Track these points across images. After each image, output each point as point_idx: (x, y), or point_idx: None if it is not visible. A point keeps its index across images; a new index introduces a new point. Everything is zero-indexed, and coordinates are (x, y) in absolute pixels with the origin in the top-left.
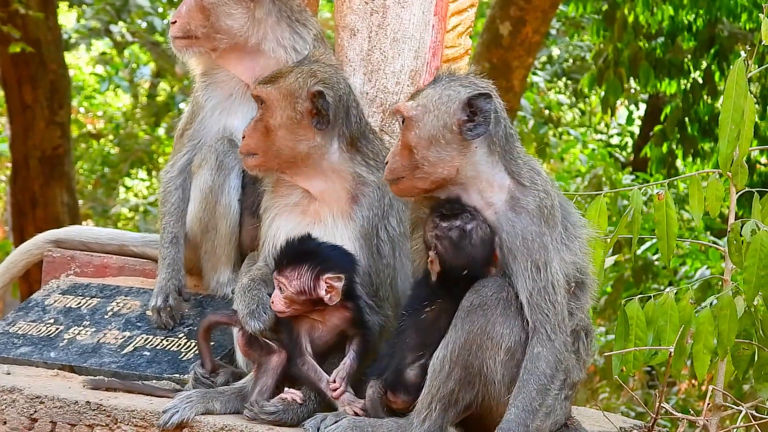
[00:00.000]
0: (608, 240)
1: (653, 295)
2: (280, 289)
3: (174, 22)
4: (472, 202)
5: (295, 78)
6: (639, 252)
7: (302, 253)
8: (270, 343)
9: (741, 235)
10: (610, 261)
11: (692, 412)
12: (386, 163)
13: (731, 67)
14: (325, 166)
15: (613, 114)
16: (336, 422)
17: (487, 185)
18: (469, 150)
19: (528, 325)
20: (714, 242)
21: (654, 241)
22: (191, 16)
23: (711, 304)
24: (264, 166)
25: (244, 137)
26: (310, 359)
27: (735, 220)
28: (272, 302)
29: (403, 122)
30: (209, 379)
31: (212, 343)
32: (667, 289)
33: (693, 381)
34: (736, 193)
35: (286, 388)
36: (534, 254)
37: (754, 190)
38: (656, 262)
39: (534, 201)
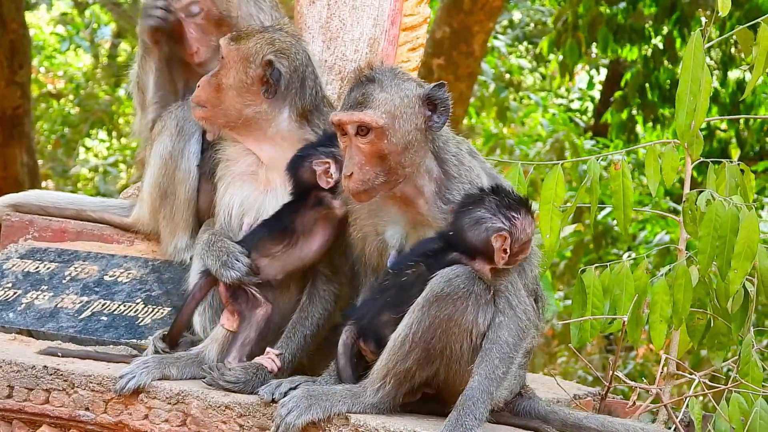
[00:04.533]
0: (564, 209)
1: (609, 264)
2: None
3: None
4: (405, 191)
5: (254, 43)
6: (599, 218)
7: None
8: (257, 295)
9: (696, 205)
10: (569, 229)
11: (645, 380)
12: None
13: (691, 34)
14: (273, 133)
15: (571, 78)
16: (291, 389)
17: (419, 173)
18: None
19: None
20: (674, 210)
21: None
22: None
23: (666, 272)
24: (210, 120)
25: (198, 86)
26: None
27: (692, 189)
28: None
29: (370, 132)
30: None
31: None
32: (624, 257)
33: (650, 346)
34: (692, 162)
35: (267, 348)
36: None
37: (709, 160)
38: (616, 228)
39: (458, 194)
